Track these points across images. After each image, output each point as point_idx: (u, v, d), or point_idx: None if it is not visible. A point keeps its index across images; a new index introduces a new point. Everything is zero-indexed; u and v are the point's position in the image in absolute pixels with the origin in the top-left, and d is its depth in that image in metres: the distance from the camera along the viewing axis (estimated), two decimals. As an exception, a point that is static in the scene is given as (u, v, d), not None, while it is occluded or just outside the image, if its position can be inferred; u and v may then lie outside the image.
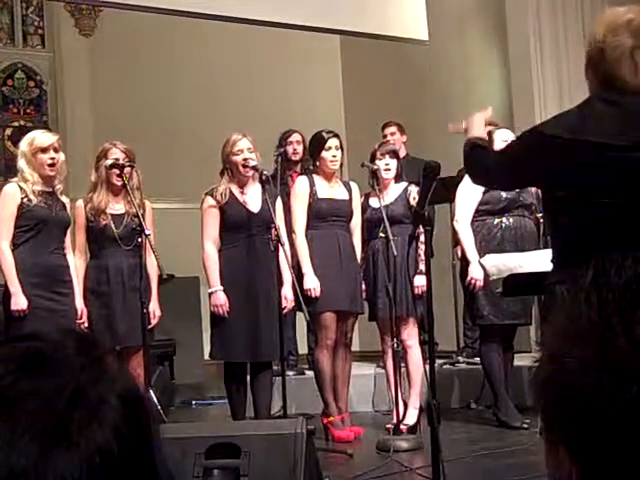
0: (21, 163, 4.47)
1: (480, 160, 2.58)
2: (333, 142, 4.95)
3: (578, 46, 6.70)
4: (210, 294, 4.68)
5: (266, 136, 5.51)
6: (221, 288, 4.61)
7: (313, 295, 4.77)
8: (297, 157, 6.12)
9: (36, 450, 0.60)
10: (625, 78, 2.19)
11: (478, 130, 2.70)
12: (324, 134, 5.00)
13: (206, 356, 5.13)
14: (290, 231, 4.93)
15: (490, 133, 5.22)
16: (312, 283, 4.78)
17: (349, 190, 5.04)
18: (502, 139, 5.05)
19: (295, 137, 6.15)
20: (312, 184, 4.96)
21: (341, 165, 5.04)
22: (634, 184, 2.15)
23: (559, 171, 2.24)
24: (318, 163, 5.00)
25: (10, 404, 0.62)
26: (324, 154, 4.94)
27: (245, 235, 4.66)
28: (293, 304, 4.72)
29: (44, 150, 4.44)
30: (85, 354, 0.67)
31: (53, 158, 4.45)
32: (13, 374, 0.63)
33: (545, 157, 2.26)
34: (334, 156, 4.93)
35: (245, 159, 4.63)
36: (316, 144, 5.02)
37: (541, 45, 6.81)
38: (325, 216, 4.92)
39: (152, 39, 8.82)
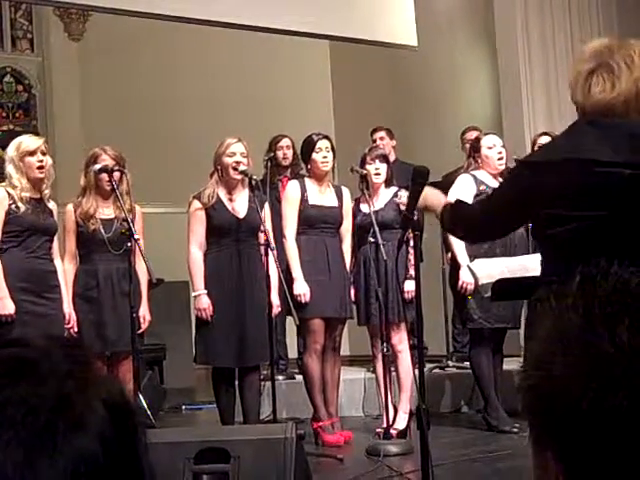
0: (9, 169, 4.45)
1: (464, 217, 2.55)
2: (323, 144, 4.96)
3: (566, 53, 6.74)
4: (194, 297, 4.69)
5: (256, 141, 5.51)
6: (205, 292, 4.61)
7: (303, 301, 4.77)
8: (287, 162, 6.13)
9: (21, 458, 0.60)
10: (579, 99, 2.28)
11: (443, 198, 2.69)
12: (314, 136, 5.01)
13: (196, 361, 5.13)
14: (280, 236, 4.93)
15: (478, 139, 5.25)
16: (302, 289, 4.79)
17: (340, 196, 5.04)
18: (488, 145, 5.07)
19: (285, 142, 6.16)
20: (303, 189, 4.96)
21: (333, 169, 5.05)
22: (622, 199, 2.19)
23: (555, 195, 2.24)
24: (309, 166, 5.01)
25: None
26: (314, 156, 4.94)
27: (231, 239, 4.66)
28: (279, 309, 4.73)
29: (32, 153, 4.43)
30: (71, 360, 0.67)
31: (41, 160, 4.44)
32: None
33: (539, 184, 2.25)
34: (325, 157, 4.94)
35: (237, 162, 4.64)
36: (307, 147, 5.03)
37: (529, 51, 6.84)
38: (314, 223, 4.92)
39: (141, 44, 8.81)
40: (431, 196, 2.73)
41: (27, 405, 0.62)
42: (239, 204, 4.71)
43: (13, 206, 4.39)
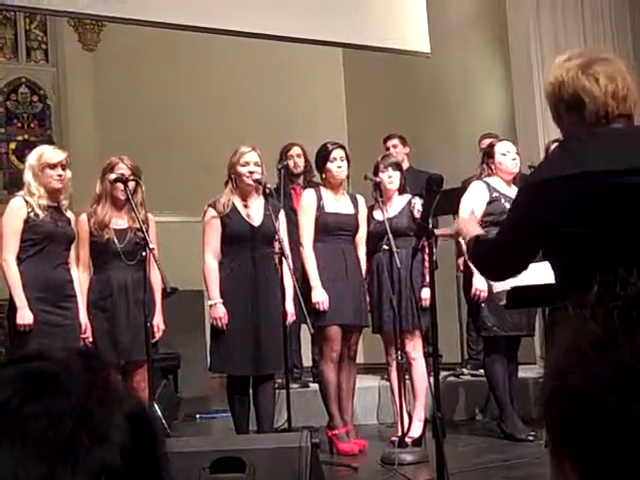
0: (28, 176, 4.47)
1: (484, 253, 2.47)
2: (338, 153, 4.97)
3: (580, 57, 6.71)
4: (210, 306, 4.69)
5: (269, 149, 5.53)
6: (221, 301, 4.61)
7: (321, 309, 4.77)
8: (298, 170, 6.13)
9: (44, 471, 0.60)
10: (587, 88, 2.21)
11: (474, 229, 2.57)
12: (329, 145, 5.02)
13: (210, 369, 5.13)
14: (296, 244, 4.94)
15: (492, 145, 5.24)
16: (320, 296, 4.79)
17: (355, 203, 5.05)
18: (501, 152, 5.06)
19: (295, 150, 6.17)
20: (319, 198, 4.97)
21: (348, 177, 5.05)
22: (633, 207, 2.15)
23: (568, 212, 2.19)
24: (324, 175, 5.02)
25: (18, 426, 0.62)
26: (329, 165, 4.95)
27: (246, 248, 4.67)
28: (294, 318, 4.73)
29: (52, 166, 4.44)
30: (91, 374, 0.67)
31: (60, 175, 4.46)
32: (20, 395, 0.63)
33: (546, 203, 2.19)
34: (339, 167, 4.94)
35: (250, 172, 4.65)
36: (321, 156, 5.04)
37: (542, 56, 6.82)
38: (331, 230, 4.93)
39: (155, 53, 8.85)
40: (464, 223, 2.65)
41: (49, 419, 0.62)
42: (254, 212, 4.72)
43: (32, 214, 4.41)
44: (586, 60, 2.25)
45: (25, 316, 4.28)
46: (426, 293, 4.80)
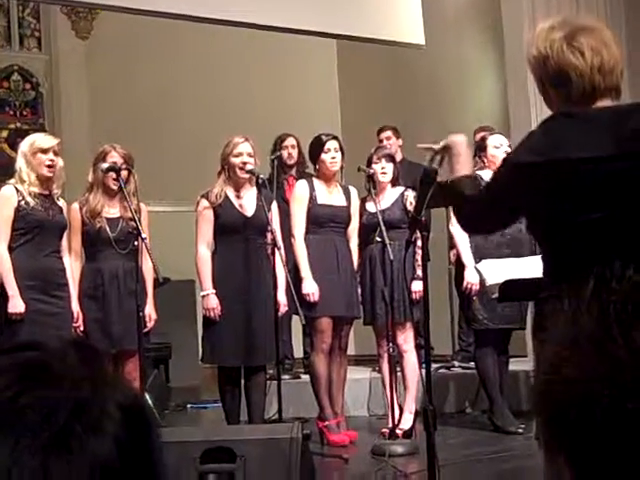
0: (20, 162, 4.48)
1: (468, 213, 2.44)
2: (332, 144, 4.97)
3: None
4: (202, 297, 4.69)
5: (262, 140, 5.51)
6: (213, 291, 4.61)
7: (312, 300, 4.77)
8: (292, 161, 6.13)
9: (38, 463, 0.60)
10: (573, 62, 2.16)
11: (466, 166, 2.49)
12: (323, 137, 5.02)
13: (202, 360, 5.13)
14: (288, 235, 4.93)
15: (484, 138, 5.24)
16: (311, 288, 4.79)
17: (348, 195, 5.05)
18: (494, 145, 5.06)
19: (290, 141, 6.16)
20: (312, 189, 4.97)
21: (341, 168, 5.05)
22: (618, 194, 2.13)
23: (544, 196, 2.18)
24: (318, 166, 5.02)
25: (12, 417, 0.61)
26: (323, 156, 4.95)
27: (239, 238, 4.66)
28: (286, 308, 4.73)
29: (44, 151, 4.45)
30: (86, 365, 0.67)
31: (52, 160, 4.46)
32: (14, 386, 0.63)
33: (527, 186, 2.17)
34: (333, 158, 4.94)
35: (244, 162, 4.64)
36: (315, 147, 5.03)
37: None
38: (323, 222, 4.93)
39: (149, 42, 8.81)
40: (458, 147, 2.56)
41: (43, 410, 0.62)
42: (247, 203, 4.71)
43: (22, 202, 4.41)
44: (570, 30, 2.20)
45: (17, 305, 4.28)
46: (417, 286, 4.81)
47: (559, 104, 2.24)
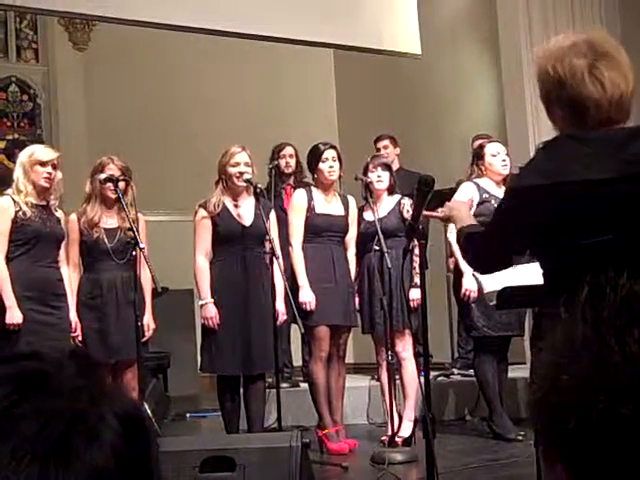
0: (18, 172, 4.49)
1: (475, 248, 2.44)
2: (330, 153, 4.98)
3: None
4: (201, 306, 4.69)
5: (260, 149, 5.52)
6: (211, 300, 4.62)
7: (308, 308, 4.78)
8: (290, 170, 6.14)
9: (36, 472, 0.60)
10: (594, 95, 2.15)
11: (466, 219, 2.52)
12: (320, 146, 5.03)
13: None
14: (286, 244, 4.94)
15: (482, 146, 5.25)
16: (307, 296, 4.79)
17: (346, 204, 5.06)
18: (491, 153, 5.07)
19: (288, 150, 6.17)
20: (310, 198, 4.98)
21: (339, 177, 5.06)
22: (622, 217, 2.13)
23: (547, 218, 2.17)
24: (316, 175, 5.03)
25: (10, 426, 0.62)
26: (321, 165, 4.96)
27: (237, 248, 4.67)
28: (285, 317, 4.73)
29: (43, 164, 4.46)
30: (84, 375, 0.67)
31: (50, 173, 4.46)
32: (13, 395, 0.63)
33: (531, 209, 2.17)
34: (331, 167, 4.95)
35: (240, 172, 4.65)
36: (313, 156, 5.04)
37: (533, 58, 6.84)
38: (321, 231, 4.94)
39: (146, 53, 8.83)
40: (457, 209, 2.60)
41: (41, 419, 0.62)
42: (245, 212, 4.72)
43: (20, 213, 4.41)
44: (593, 59, 2.17)
45: (14, 316, 4.28)
46: (414, 293, 4.82)
47: (566, 126, 2.24)
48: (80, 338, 4.56)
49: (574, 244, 2.14)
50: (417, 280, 4.74)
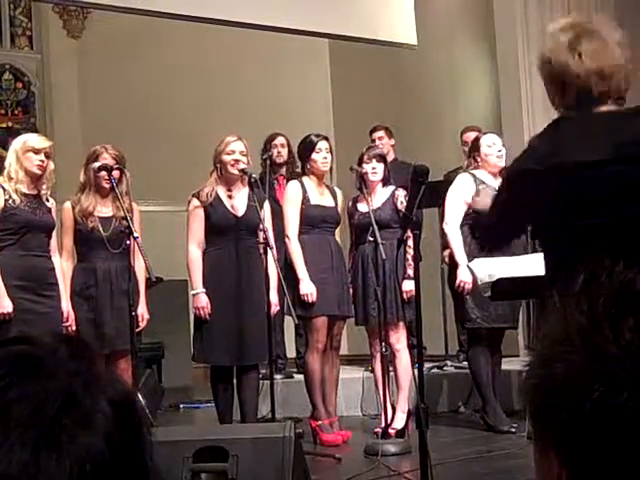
0: (10, 158, 4.46)
1: (483, 226, 2.52)
2: (323, 144, 4.98)
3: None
4: (192, 296, 4.69)
5: (254, 140, 5.51)
6: (203, 290, 4.61)
7: (310, 300, 4.78)
8: (281, 160, 6.13)
9: (27, 456, 0.60)
10: (572, 66, 2.17)
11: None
12: (314, 137, 5.03)
13: (194, 359, 5.13)
14: (282, 235, 4.94)
15: (477, 138, 5.25)
16: (309, 288, 4.79)
17: (334, 196, 5.07)
18: (487, 144, 5.07)
19: (279, 140, 6.16)
20: (304, 190, 4.97)
21: (331, 169, 5.06)
22: (618, 198, 2.13)
23: (545, 201, 2.19)
24: (309, 166, 5.02)
25: (2, 410, 0.61)
26: (315, 156, 4.95)
27: (229, 238, 4.66)
28: (278, 308, 4.73)
29: (36, 152, 4.43)
30: (77, 359, 0.66)
31: (42, 161, 4.44)
32: (5, 379, 0.63)
33: (529, 192, 2.19)
34: (325, 158, 4.95)
35: (236, 160, 4.64)
36: (306, 147, 5.03)
37: (529, 50, 6.83)
38: (316, 222, 4.94)
39: (141, 41, 8.80)
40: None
41: (33, 404, 0.62)
42: (238, 202, 4.71)
43: (10, 201, 4.38)
44: (576, 34, 2.21)
45: (4, 305, 4.26)
46: (407, 285, 4.82)
47: (560, 105, 2.25)
48: (73, 327, 4.54)
49: (571, 225, 2.15)
50: (410, 272, 4.74)
